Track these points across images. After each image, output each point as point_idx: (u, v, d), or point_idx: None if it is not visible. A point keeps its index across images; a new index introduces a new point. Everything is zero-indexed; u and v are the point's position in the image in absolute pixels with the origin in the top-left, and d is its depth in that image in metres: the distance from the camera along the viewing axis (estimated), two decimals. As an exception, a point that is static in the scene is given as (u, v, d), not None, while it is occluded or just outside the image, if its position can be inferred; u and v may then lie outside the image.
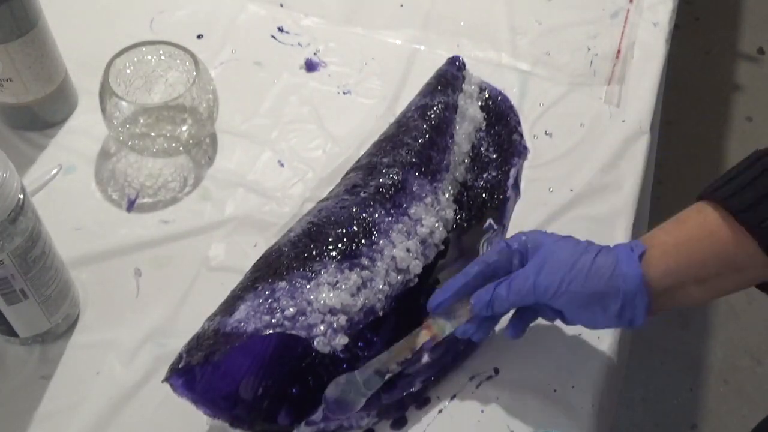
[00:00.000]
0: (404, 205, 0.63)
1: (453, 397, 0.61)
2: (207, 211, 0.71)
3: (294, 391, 0.61)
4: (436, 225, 0.64)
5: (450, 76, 0.75)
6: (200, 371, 0.57)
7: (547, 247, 0.56)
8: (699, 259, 0.52)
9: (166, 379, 0.55)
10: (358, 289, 0.57)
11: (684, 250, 0.52)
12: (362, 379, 0.57)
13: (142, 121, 0.72)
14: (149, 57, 0.73)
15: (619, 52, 0.86)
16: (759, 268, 0.50)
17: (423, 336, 0.58)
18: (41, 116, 0.75)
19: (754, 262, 0.50)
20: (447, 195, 0.67)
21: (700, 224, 0.52)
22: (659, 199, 1.46)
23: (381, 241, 0.60)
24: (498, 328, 0.61)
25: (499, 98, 0.78)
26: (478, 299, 0.57)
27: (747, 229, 0.49)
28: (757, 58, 1.98)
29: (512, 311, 0.59)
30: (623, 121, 0.79)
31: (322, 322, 0.55)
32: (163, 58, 0.73)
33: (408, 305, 0.63)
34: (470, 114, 0.74)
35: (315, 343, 0.54)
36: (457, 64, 0.77)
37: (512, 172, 0.73)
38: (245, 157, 0.76)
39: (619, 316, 0.53)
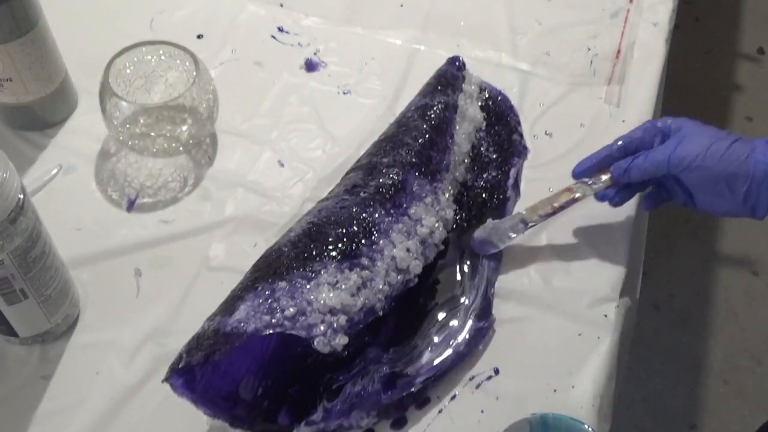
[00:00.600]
0: (404, 205, 0.63)
1: (453, 397, 0.61)
2: (207, 211, 0.71)
3: (294, 391, 0.61)
4: (436, 225, 0.64)
5: (450, 76, 0.75)
6: (200, 371, 0.57)
7: (689, 128, 0.61)
8: None
9: (166, 379, 0.55)
10: (358, 289, 0.57)
11: None
12: (509, 225, 0.66)
13: (142, 121, 0.72)
14: (149, 57, 0.73)
15: (619, 52, 0.86)
16: None
17: (565, 196, 0.66)
18: (41, 116, 0.75)
19: None
20: (447, 195, 0.67)
21: None
22: (659, 199, 1.46)
23: (381, 241, 0.60)
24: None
25: (499, 98, 0.78)
26: (617, 167, 0.64)
27: None
28: (757, 58, 1.98)
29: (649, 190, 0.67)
30: (623, 121, 0.79)
31: (322, 322, 0.55)
32: (163, 58, 0.73)
33: (408, 305, 0.63)
34: (470, 114, 0.74)
35: (315, 343, 0.54)
36: (457, 64, 0.77)
37: (512, 172, 0.73)
38: (245, 157, 0.76)
39: (745, 200, 0.59)
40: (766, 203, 0.58)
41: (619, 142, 0.65)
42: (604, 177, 0.65)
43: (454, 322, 0.63)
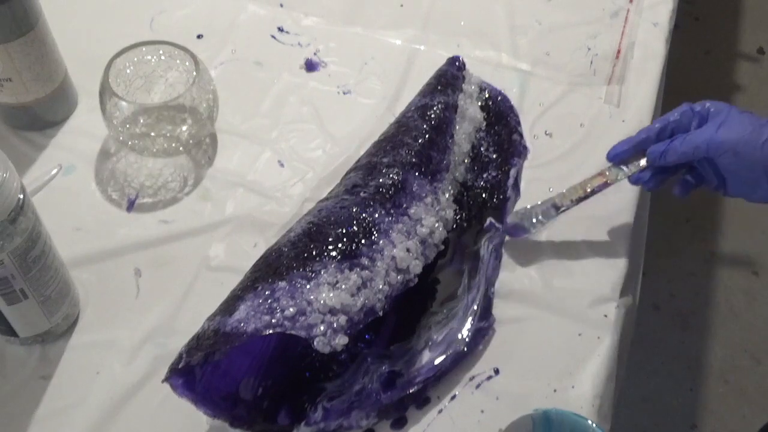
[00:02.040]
0: (404, 205, 0.63)
1: (453, 397, 0.61)
2: (207, 211, 0.71)
3: (294, 391, 0.61)
4: (436, 225, 0.64)
5: (450, 76, 0.75)
6: (200, 371, 0.57)
7: (728, 112, 0.60)
8: None
9: (166, 379, 0.55)
10: (358, 289, 0.57)
11: None
12: (540, 209, 0.67)
13: (142, 121, 0.72)
14: (149, 57, 0.73)
15: (619, 52, 0.86)
16: None
17: (597, 180, 0.66)
18: (41, 116, 0.75)
19: None
20: (447, 195, 0.67)
21: None
22: (659, 200, 1.47)
23: (381, 241, 0.60)
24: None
25: (499, 98, 0.78)
26: (654, 150, 0.63)
27: None
28: (757, 58, 1.98)
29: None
30: (623, 121, 0.79)
31: (322, 322, 0.55)
32: (163, 58, 0.74)
33: (408, 305, 0.63)
34: (470, 114, 0.74)
35: (315, 343, 0.54)
36: (457, 64, 0.77)
37: (512, 172, 0.73)
38: (245, 157, 0.76)
39: None
40: None
41: (657, 125, 0.64)
42: (639, 161, 0.65)
43: (454, 322, 0.63)
